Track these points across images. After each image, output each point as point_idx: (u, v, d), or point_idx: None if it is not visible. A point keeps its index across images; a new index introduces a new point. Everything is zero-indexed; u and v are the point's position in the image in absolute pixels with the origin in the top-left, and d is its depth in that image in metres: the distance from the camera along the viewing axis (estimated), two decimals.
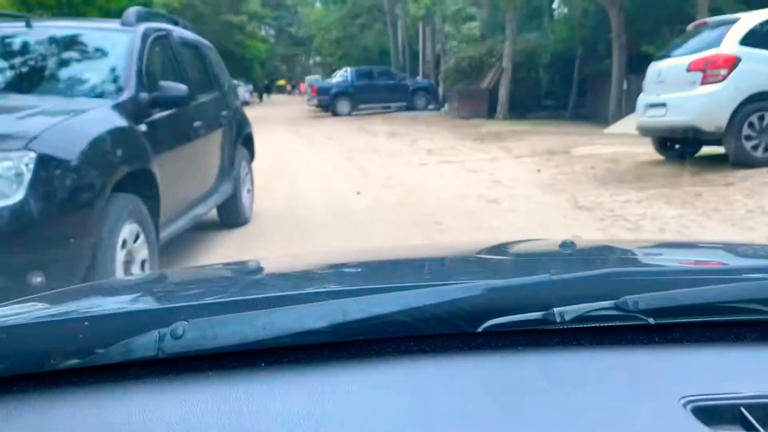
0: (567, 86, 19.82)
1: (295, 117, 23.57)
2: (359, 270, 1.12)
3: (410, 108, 23.41)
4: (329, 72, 30.25)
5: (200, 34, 5.37)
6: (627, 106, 16.53)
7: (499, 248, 1.19)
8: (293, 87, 52.43)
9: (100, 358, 0.61)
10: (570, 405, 0.57)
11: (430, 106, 23.76)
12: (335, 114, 22.48)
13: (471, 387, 0.60)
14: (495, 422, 0.55)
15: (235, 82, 27.75)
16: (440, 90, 24.43)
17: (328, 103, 22.99)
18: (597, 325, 0.67)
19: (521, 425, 0.55)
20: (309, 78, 38.75)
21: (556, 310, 0.65)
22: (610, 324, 0.67)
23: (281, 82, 56.05)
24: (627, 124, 14.68)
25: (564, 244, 1.05)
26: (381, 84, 23.54)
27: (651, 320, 0.66)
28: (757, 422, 0.54)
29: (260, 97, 42.00)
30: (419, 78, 26.78)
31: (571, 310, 0.65)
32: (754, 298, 0.69)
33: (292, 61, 62.97)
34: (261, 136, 15.55)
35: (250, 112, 6.43)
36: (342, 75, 24.20)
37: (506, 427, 0.55)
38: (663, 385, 0.60)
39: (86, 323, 0.67)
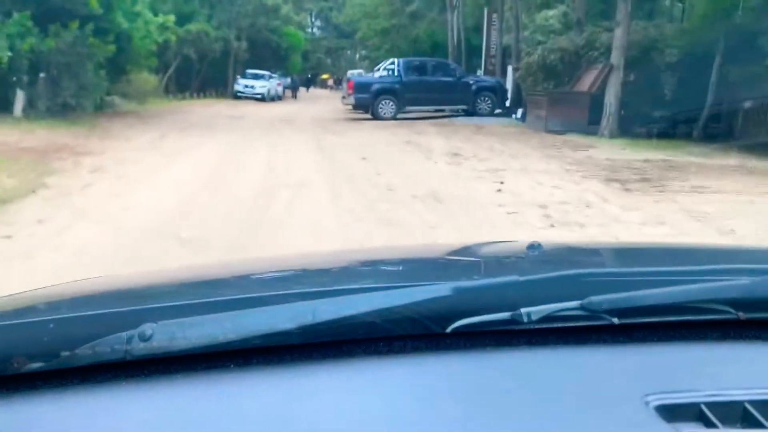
0: (696, 94, 14.31)
1: (327, 119, 18.51)
2: (329, 271, 1.12)
3: (470, 113, 18.15)
4: (375, 66, 25.00)
5: (230, 18, 0.45)
6: None
7: (468, 250, 1.22)
8: (336, 82, 47.36)
9: (65, 361, 0.60)
10: (537, 404, 0.58)
11: (497, 111, 18.38)
12: (376, 117, 17.34)
13: (440, 387, 0.62)
14: (463, 422, 0.56)
15: (267, 73, 22.46)
16: (509, 91, 19.06)
17: (367, 103, 17.71)
18: (563, 325, 0.68)
19: (489, 425, 0.56)
20: (350, 72, 33.42)
21: (523, 310, 0.66)
22: (575, 324, 0.68)
23: (325, 77, 52.45)
24: None
25: (531, 246, 1.03)
26: (435, 81, 18.19)
27: (615, 320, 0.68)
28: (716, 419, 0.56)
29: (293, 93, 35.81)
30: (482, 74, 21.39)
31: (538, 311, 0.66)
32: (714, 299, 0.71)
33: (337, 54, 58.86)
34: (264, 148, 10.52)
35: (270, 110, 1.20)
36: (387, 68, 18.79)
37: (474, 427, 0.56)
38: (626, 383, 0.62)
39: (51, 325, 0.65)
